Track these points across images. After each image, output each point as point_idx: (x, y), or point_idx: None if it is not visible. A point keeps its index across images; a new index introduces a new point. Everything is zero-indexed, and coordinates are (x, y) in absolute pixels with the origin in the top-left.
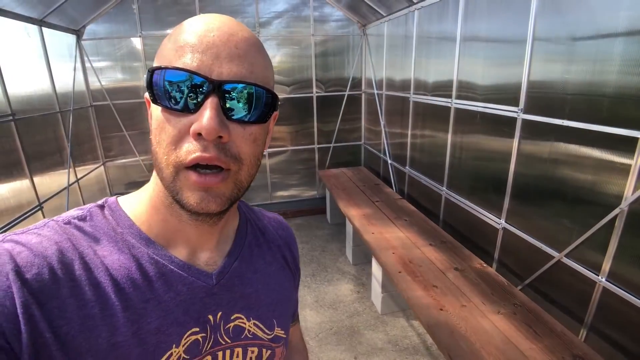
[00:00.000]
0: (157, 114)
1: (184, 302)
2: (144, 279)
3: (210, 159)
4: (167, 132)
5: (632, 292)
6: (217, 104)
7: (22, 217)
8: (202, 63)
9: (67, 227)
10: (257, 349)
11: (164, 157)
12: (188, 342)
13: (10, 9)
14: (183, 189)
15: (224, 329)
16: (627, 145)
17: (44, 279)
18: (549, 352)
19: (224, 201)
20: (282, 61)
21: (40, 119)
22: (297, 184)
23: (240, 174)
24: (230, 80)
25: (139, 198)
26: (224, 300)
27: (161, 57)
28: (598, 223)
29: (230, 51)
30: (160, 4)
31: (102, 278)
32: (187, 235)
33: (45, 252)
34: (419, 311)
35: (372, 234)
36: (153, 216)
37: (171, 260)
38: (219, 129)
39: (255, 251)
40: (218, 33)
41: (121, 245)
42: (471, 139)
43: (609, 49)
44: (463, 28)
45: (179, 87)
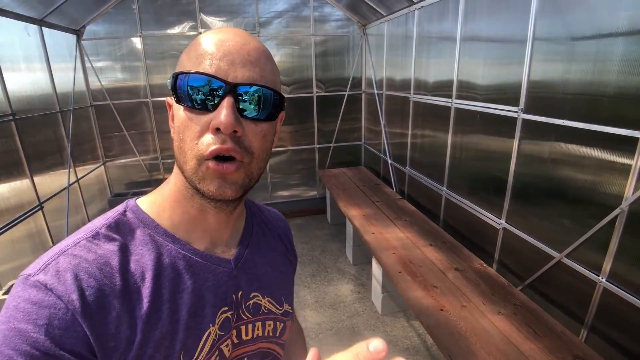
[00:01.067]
0: (181, 113)
1: (212, 287)
2: (175, 272)
3: (227, 150)
4: (190, 129)
5: (632, 293)
6: (232, 104)
7: (23, 217)
8: (220, 68)
9: (96, 241)
10: (272, 322)
11: (189, 150)
12: (221, 320)
13: (10, 9)
14: (205, 178)
15: (245, 306)
16: (627, 145)
17: (95, 297)
18: (549, 352)
19: (238, 188)
20: (282, 61)
21: (41, 119)
22: (297, 184)
23: (251, 165)
24: (244, 83)
25: (159, 196)
26: (242, 282)
27: (183, 64)
28: (598, 223)
29: (244, 58)
30: (160, 4)
31: (141, 280)
32: (205, 226)
33: (87, 273)
34: (419, 311)
35: (372, 234)
36: (175, 209)
37: (195, 252)
38: (235, 124)
39: (261, 238)
40: (233, 43)
41: (150, 245)
42: (471, 139)
43: (609, 49)
44: (463, 28)
45: (200, 89)
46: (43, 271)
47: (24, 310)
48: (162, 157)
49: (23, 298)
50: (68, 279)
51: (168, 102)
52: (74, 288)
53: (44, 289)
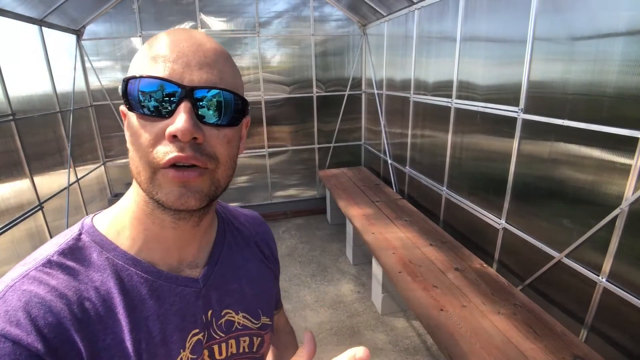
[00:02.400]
0: (133, 121)
1: (179, 310)
2: (138, 299)
3: (186, 158)
4: (143, 137)
5: (632, 293)
6: (190, 108)
7: (23, 217)
8: (174, 71)
9: (48, 270)
10: (248, 338)
11: (142, 160)
12: (192, 343)
13: (10, 9)
14: (162, 186)
15: (217, 324)
16: (627, 145)
17: (56, 332)
18: (549, 352)
19: (203, 197)
20: (282, 61)
21: (41, 119)
22: (297, 184)
23: (217, 172)
24: (201, 86)
25: (117, 213)
26: (212, 300)
27: (135, 68)
28: (598, 223)
29: (200, 60)
30: (160, 4)
31: (102, 310)
32: (170, 243)
33: (42, 309)
34: (419, 311)
35: (372, 234)
36: (136, 227)
37: (159, 275)
38: (194, 131)
39: (234, 249)
40: (187, 44)
41: (109, 271)
42: (471, 139)
43: (609, 49)
44: (463, 28)
45: (153, 94)
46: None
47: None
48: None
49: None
50: (22, 319)
51: (122, 111)
52: (30, 329)
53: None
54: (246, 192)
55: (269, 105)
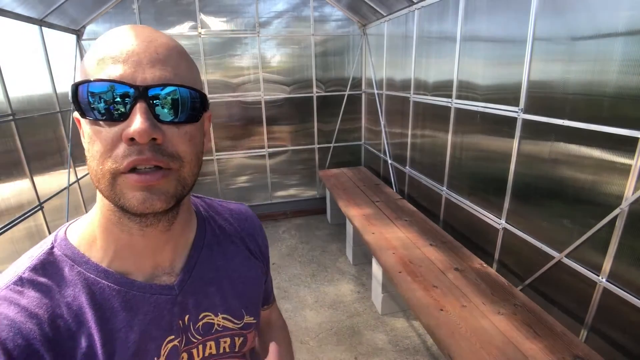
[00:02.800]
0: (87, 129)
1: (154, 319)
2: (110, 312)
3: (147, 160)
4: (99, 143)
5: (632, 293)
6: (145, 108)
7: (23, 217)
8: (125, 72)
9: (19, 288)
10: (229, 338)
11: (99, 167)
12: (167, 350)
13: (10, 9)
14: (124, 191)
15: (194, 328)
16: (627, 145)
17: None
18: (549, 352)
19: (169, 198)
20: (282, 61)
21: (41, 118)
22: (297, 184)
23: (182, 171)
24: (155, 84)
25: (87, 224)
26: (189, 305)
27: (84, 72)
28: (598, 223)
29: (152, 57)
30: (160, 4)
31: (74, 325)
32: (142, 251)
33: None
34: (419, 311)
35: (372, 234)
36: (106, 238)
37: (132, 286)
38: (152, 131)
39: (215, 249)
40: (137, 41)
41: (80, 285)
42: (471, 139)
43: (609, 48)
44: (463, 28)
45: (105, 98)
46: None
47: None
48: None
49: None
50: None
51: (77, 118)
52: (0, 353)
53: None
54: (246, 192)
55: (269, 105)
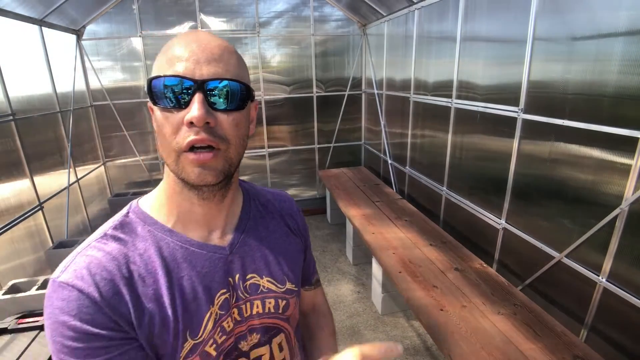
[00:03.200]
0: (158, 114)
1: (209, 272)
2: (174, 262)
3: (202, 140)
4: (167, 127)
5: (632, 293)
6: (202, 98)
7: (23, 216)
8: (187, 68)
9: (104, 241)
10: (273, 300)
11: (168, 146)
12: (220, 301)
13: (10, 9)
14: (185, 167)
15: (243, 287)
16: (627, 145)
17: (109, 286)
18: (549, 352)
19: (218, 174)
20: (282, 61)
21: (41, 119)
22: (297, 184)
23: (229, 151)
24: (210, 78)
25: (156, 194)
26: (238, 265)
27: (156, 68)
28: (598, 223)
29: (208, 56)
30: (160, 4)
31: (145, 271)
32: (199, 217)
33: (99, 268)
34: (419, 311)
35: (372, 234)
36: (170, 205)
37: (191, 243)
38: (206, 117)
39: (259, 222)
40: (197, 44)
41: (150, 240)
42: (471, 139)
43: (609, 48)
44: (463, 28)
45: (172, 90)
46: (64, 272)
47: (58, 307)
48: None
49: (55, 298)
50: (84, 275)
51: (150, 106)
52: (90, 282)
53: (68, 288)
54: None
55: (269, 105)
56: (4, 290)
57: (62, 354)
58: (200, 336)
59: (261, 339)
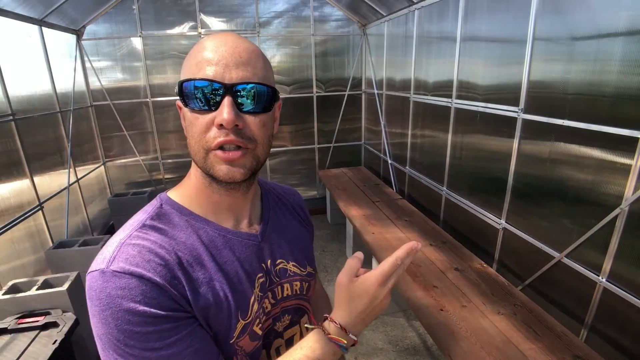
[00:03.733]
0: (188, 114)
1: (247, 257)
2: (216, 249)
3: (231, 141)
4: (197, 126)
5: (632, 293)
6: (231, 102)
7: (23, 217)
8: (217, 72)
9: (145, 231)
10: (299, 282)
11: (197, 145)
12: (259, 284)
13: (10, 9)
14: (214, 164)
15: (274, 271)
16: (627, 145)
17: (166, 270)
18: (549, 352)
19: (246, 171)
20: (282, 61)
21: (41, 119)
22: (297, 184)
23: (256, 150)
24: (239, 82)
25: (184, 188)
26: (268, 251)
27: (186, 71)
28: (598, 223)
29: (237, 60)
30: (160, 4)
31: (191, 257)
32: (228, 208)
33: (152, 254)
34: (419, 311)
35: (372, 234)
36: (200, 197)
37: (227, 231)
38: (235, 120)
39: (279, 213)
40: (225, 47)
41: (190, 229)
42: (471, 139)
43: (609, 48)
44: (463, 28)
45: (203, 92)
46: (115, 262)
47: (119, 295)
48: (162, 157)
49: (111, 287)
50: (139, 262)
51: (178, 105)
52: (147, 267)
53: (126, 276)
54: None
55: None
56: (4, 290)
57: (131, 341)
58: (249, 317)
59: (292, 319)
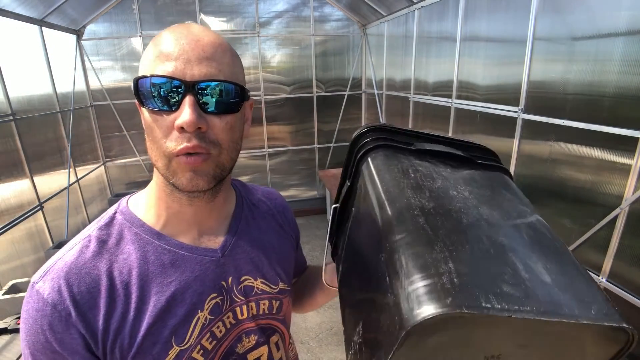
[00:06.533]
0: (146, 115)
1: (199, 276)
2: (161, 267)
3: (193, 148)
4: (156, 130)
5: (632, 293)
6: (193, 101)
7: (23, 217)
8: (177, 68)
9: (87, 244)
10: (267, 301)
11: (157, 150)
12: (210, 305)
13: (10, 9)
14: (176, 172)
15: (237, 289)
16: (627, 145)
17: (86, 299)
18: None
19: (210, 179)
20: (282, 61)
21: (41, 119)
22: (297, 184)
23: (220, 157)
24: (201, 80)
25: (145, 195)
26: (231, 268)
27: (143, 66)
28: (598, 223)
29: (199, 54)
30: (160, 4)
31: (128, 277)
32: (189, 218)
33: (78, 278)
34: None
35: None
36: (159, 206)
37: (180, 247)
38: (197, 122)
39: (251, 223)
40: (187, 40)
41: (137, 244)
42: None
43: (609, 48)
44: (463, 28)
45: (161, 91)
46: (43, 279)
47: (31, 316)
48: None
49: (30, 305)
50: (62, 286)
51: (137, 105)
52: (66, 295)
53: (43, 300)
54: None
55: (269, 106)
56: (4, 290)
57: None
58: (187, 342)
59: (258, 339)
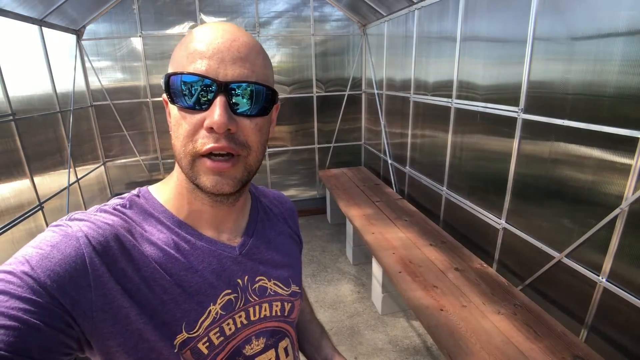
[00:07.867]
0: (175, 112)
1: (215, 270)
2: (180, 253)
3: (222, 148)
4: (183, 127)
5: (632, 293)
6: (224, 102)
7: (23, 217)
8: (210, 67)
9: (115, 212)
10: (280, 303)
11: (182, 148)
12: (223, 301)
13: (10, 9)
14: (200, 174)
15: (251, 289)
16: (627, 145)
17: (109, 247)
18: (549, 352)
19: (236, 183)
20: (282, 61)
21: (41, 119)
22: (297, 184)
23: (249, 158)
24: (234, 81)
25: (166, 186)
26: (247, 267)
27: (175, 63)
28: (598, 223)
29: (233, 55)
30: (160, 4)
31: (149, 250)
32: (209, 216)
33: (106, 228)
34: (419, 311)
35: (372, 234)
36: (180, 200)
37: (200, 238)
38: (228, 123)
39: (266, 224)
40: (222, 40)
41: (159, 227)
42: (471, 139)
43: (609, 48)
44: (463, 28)
45: (192, 89)
46: (63, 223)
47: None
48: (162, 157)
49: (37, 239)
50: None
51: (165, 100)
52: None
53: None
54: None
55: None
56: None
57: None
58: (196, 331)
59: (267, 342)
